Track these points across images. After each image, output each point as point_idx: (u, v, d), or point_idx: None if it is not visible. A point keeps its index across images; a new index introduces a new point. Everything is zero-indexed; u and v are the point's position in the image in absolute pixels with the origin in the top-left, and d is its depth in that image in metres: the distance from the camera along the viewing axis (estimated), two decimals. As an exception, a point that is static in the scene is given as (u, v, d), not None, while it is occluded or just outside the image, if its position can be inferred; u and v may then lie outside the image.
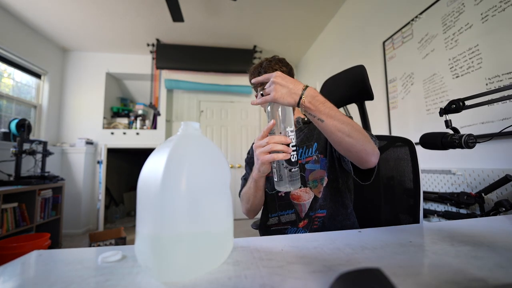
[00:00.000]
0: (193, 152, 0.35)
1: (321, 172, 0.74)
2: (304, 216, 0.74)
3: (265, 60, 0.79)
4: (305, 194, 0.74)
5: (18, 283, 0.31)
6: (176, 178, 0.31)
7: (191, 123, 0.38)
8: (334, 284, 0.24)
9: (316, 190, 0.74)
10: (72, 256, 0.40)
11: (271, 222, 0.80)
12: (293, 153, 0.54)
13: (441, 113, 0.77)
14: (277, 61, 0.78)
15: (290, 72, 0.79)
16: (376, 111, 1.94)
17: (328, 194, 0.73)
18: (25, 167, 2.36)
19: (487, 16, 1.14)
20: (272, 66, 0.76)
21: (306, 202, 0.73)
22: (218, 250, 0.34)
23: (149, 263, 0.30)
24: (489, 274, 0.29)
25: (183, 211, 0.31)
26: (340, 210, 0.73)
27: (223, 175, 0.37)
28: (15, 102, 2.69)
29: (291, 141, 0.54)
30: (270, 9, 2.59)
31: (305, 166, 0.75)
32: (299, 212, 0.74)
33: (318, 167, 0.74)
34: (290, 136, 0.55)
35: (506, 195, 1.01)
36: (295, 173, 0.54)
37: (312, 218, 0.73)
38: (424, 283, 0.28)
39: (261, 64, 0.78)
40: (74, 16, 2.64)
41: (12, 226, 1.92)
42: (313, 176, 0.74)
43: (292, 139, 0.55)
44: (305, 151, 0.77)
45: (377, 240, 0.43)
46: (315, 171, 0.74)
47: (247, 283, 0.29)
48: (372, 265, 0.25)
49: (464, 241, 0.41)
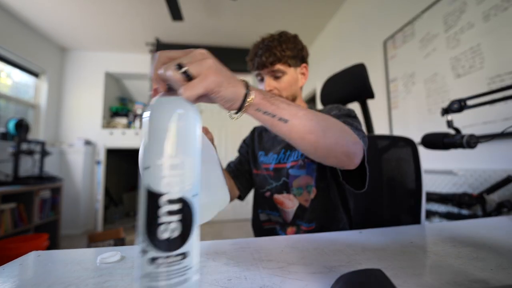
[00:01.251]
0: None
1: (307, 179, 0.67)
2: (290, 222, 0.69)
3: (267, 39, 0.67)
4: (289, 201, 0.68)
5: (17, 284, 0.31)
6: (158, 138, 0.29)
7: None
8: (335, 285, 0.23)
9: (301, 198, 0.67)
10: (70, 257, 0.40)
11: (262, 218, 0.77)
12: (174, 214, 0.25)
13: (443, 113, 0.77)
14: (284, 41, 0.65)
15: (299, 56, 0.68)
16: (377, 111, 1.93)
17: (317, 206, 0.66)
18: (23, 167, 2.36)
19: (489, 15, 1.14)
20: (272, 49, 0.64)
21: (290, 210, 0.67)
22: (212, 202, 0.38)
23: None
24: (490, 275, 0.29)
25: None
26: (331, 224, 0.66)
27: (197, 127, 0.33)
28: (13, 102, 2.68)
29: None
30: (270, 9, 2.59)
31: (289, 172, 0.68)
32: (284, 218, 0.70)
33: (304, 173, 0.67)
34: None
35: (508, 196, 1.01)
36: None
37: (300, 227, 0.67)
38: (425, 284, 0.27)
39: (260, 44, 0.67)
40: (73, 15, 2.64)
41: (10, 226, 1.91)
42: (298, 183, 0.67)
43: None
44: (291, 155, 0.69)
45: (378, 241, 0.43)
46: (300, 177, 0.67)
47: (247, 284, 0.29)
48: (373, 266, 0.25)
49: (466, 242, 0.41)
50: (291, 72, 0.69)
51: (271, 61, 0.65)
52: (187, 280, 0.24)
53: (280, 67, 0.66)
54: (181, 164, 0.26)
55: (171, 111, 0.26)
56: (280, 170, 0.71)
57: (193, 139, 0.27)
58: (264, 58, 0.65)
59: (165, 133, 0.26)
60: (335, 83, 0.94)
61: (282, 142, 0.74)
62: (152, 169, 0.25)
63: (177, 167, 0.25)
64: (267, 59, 0.65)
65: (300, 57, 0.70)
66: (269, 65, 0.66)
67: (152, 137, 0.26)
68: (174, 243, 0.24)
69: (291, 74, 0.69)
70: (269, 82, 0.67)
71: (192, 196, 0.26)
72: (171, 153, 0.25)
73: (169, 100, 0.28)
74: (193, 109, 0.28)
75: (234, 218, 3.60)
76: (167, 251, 0.23)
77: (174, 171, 0.25)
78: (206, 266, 0.34)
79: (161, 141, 0.25)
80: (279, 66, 0.66)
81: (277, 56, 0.65)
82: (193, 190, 0.26)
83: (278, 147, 0.74)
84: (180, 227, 0.24)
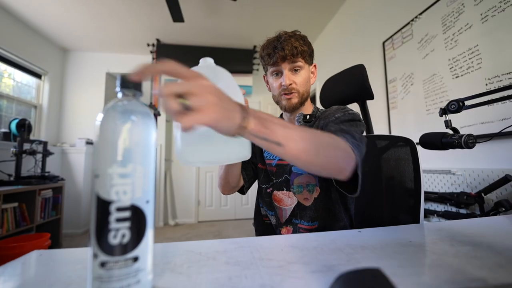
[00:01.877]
0: (223, 79, 0.44)
1: (308, 178, 0.67)
2: (285, 222, 0.69)
3: (284, 34, 0.67)
4: (288, 199, 0.68)
5: (18, 283, 0.31)
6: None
7: (207, 59, 0.46)
8: (334, 284, 0.24)
9: (300, 196, 0.67)
10: (72, 256, 0.40)
11: (263, 213, 0.77)
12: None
13: (441, 113, 0.77)
14: (299, 37, 0.67)
15: (311, 54, 0.71)
16: (376, 111, 1.94)
17: (320, 205, 0.66)
18: (25, 167, 2.36)
19: (487, 16, 1.14)
20: (292, 42, 0.65)
21: (288, 208, 0.68)
22: (232, 149, 0.43)
23: (178, 150, 0.40)
24: (488, 274, 0.29)
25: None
26: (333, 223, 0.67)
27: (240, 93, 0.47)
28: (15, 102, 2.69)
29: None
30: (270, 9, 2.59)
31: (292, 168, 0.69)
32: (279, 217, 0.69)
33: (305, 172, 0.67)
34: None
35: (506, 195, 1.01)
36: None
37: (297, 227, 0.68)
38: (424, 283, 0.28)
39: (278, 38, 0.67)
40: (74, 16, 2.64)
41: (12, 226, 1.92)
42: (299, 181, 0.68)
43: None
44: None
45: (377, 240, 0.43)
46: (302, 175, 0.68)
47: (247, 283, 0.29)
48: (372, 265, 0.25)
49: (464, 241, 0.41)
50: (307, 68, 0.71)
51: (294, 53, 0.66)
52: (139, 282, 0.25)
53: (301, 60, 0.68)
54: (133, 172, 0.25)
55: (125, 117, 0.25)
56: (283, 166, 0.71)
57: (146, 146, 0.26)
58: (287, 51, 0.65)
59: (117, 140, 0.24)
60: (334, 84, 0.94)
61: None
62: (102, 178, 0.24)
63: (128, 176, 0.25)
64: (290, 51, 0.65)
65: (312, 56, 0.72)
66: (291, 57, 0.66)
67: (103, 143, 0.25)
68: (124, 248, 0.24)
69: (306, 70, 0.71)
70: (289, 76, 0.68)
71: (145, 202, 0.26)
72: (122, 161, 0.25)
73: (123, 105, 0.27)
74: (148, 115, 0.27)
75: (235, 218, 3.61)
76: (117, 255, 0.24)
77: (125, 179, 0.25)
78: (207, 265, 0.34)
79: (112, 149, 0.24)
80: (301, 59, 0.67)
81: (298, 50, 0.66)
82: (146, 197, 0.26)
83: None
84: (130, 233, 0.24)
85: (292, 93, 0.69)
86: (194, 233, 2.95)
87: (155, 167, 0.31)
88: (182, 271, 0.32)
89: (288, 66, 0.68)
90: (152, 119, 0.28)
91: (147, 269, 0.26)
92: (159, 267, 0.33)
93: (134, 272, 0.24)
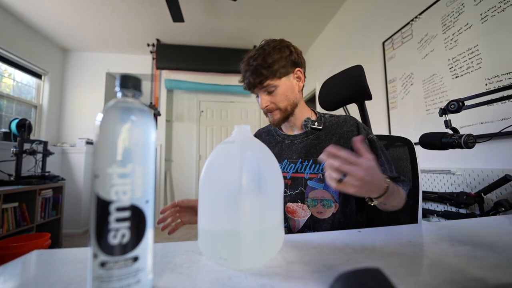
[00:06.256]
0: (259, 155, 0.39)
1: (323, 193, 0.67)
2: (297, 232, 0.68)
3: (252, 56, 0.67)
4: (301, 211, 0.68)
5: (19, 282, 0.31)
6: (253, 180, 0.35)
7: (244, 126, 0.41)
8: (334, 284, 0.24)
9: (314, 209, 0.67)
10: (72, 256, 0.40)
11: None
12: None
13: (441, 113, 0.77)
14: (264, 59, 0.65)
15: (288, 64, 0.68)
16: (376, 111, 1.94)
17: (338, 220, 0.66)
18: (26, 167, 2.36)
19: (487, 16, 1.14)
20: (257, 70, 0.65)
21: (301, 220, 0.68)
22: (276, 241, 0.38)
23: (225, 255, 0.34)
24: (488, 273, 0.29)
25: (257, 209, 0.35)
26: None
27: (280, 175, 0.41)
28: (15, 102, 2.69)
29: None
30: (270, 10, 2.59)
31: (308, 182, 0.68)
32: (292, 228, 0.69)
33: (321, 187, 0.67)
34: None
35: (506, 195, 1.01)
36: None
37: None
38: (424, 283, 0.28)
39: (248, 62, 0.68)
40: (74, 16, 2.64)
41: (12, 226, 1.92)
42: (313, 195, 0.67)
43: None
44: (310, 166, 0.69)
45: (377, 240, 0.43)
46: (317, 190, 0.67)
47: (247, 282, 0.29)
48: (371, 265, 0.25)
49: (464, 241, 0.41)
50: (284, 82, 0.69)
51: (259, 81, 0.66)
52: (139, 281, 0.25)
53: (270, 83, 0.67)
54: (132, 172, 0.25)
55: (124, 117, 0.25)
56: (298, 179, 0.70)
57: (146, 146, 0.27)
58: (252, 80, 0.67)
59: (117, 140, 0.25)
60: (333, 85, 0.94)
61: (296, 151, 0.73)
62: (102, 178, 0.24)
63: (128, 176, 0.25)
64: (255, 80, 0.66)
65: (290, 63, 0.69)
66: (258, 85, 0.67)
67: (102, 143, 0.25)
68: (124, 248, 0.24)
69: (284, 85, 0.69)
70: (264, 98, 0.69)
71: (144, 202, 0.26)
72: (122, 161, 0.24)
73: (123, 105, 0.27)
74: (148, 115, 0.27)
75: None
76: (117, 255, 0.24)
77: (125, 179, 0.25)
78: (207, 265, 0.34)
79: (111, 149, 0.24)
80: (269, 82, 0.67)
81: (264, 75, 0.66)
82: (145, 197, 0.26)
83: (294, 156, 0.72)
84: (130, 233, 0.24)
85: (273, 112, 0.71)
86: (194, 233, 2.95)
87: (155, 167, 0.31)
88: (182, 271, 0.32)
89: (260, 90, 0.69)
90: (152, 119, 0.28)
91: (147, 269, 0.26)
92: (159, 267, 0.33)
93: (134, 272, 0.24)
